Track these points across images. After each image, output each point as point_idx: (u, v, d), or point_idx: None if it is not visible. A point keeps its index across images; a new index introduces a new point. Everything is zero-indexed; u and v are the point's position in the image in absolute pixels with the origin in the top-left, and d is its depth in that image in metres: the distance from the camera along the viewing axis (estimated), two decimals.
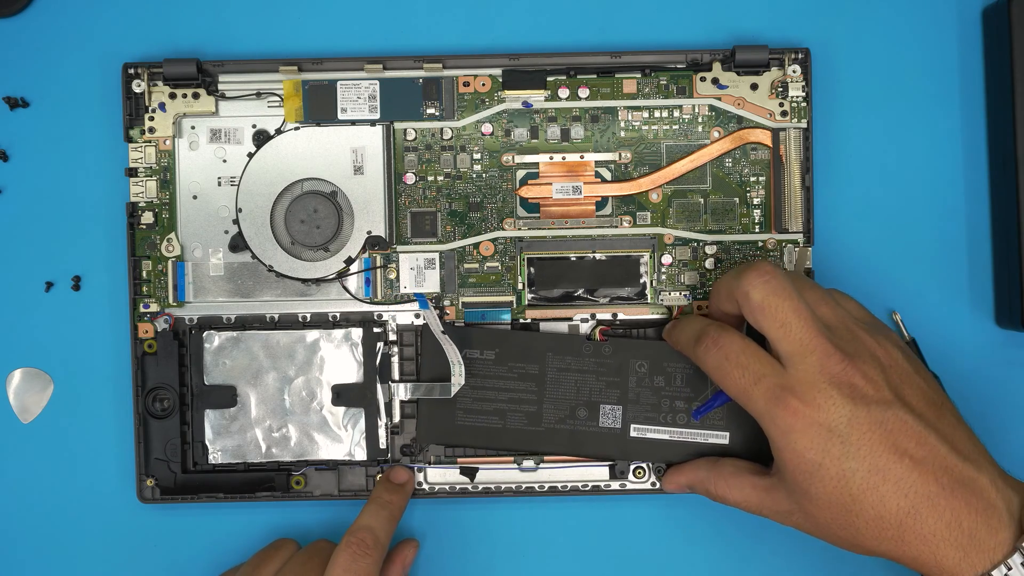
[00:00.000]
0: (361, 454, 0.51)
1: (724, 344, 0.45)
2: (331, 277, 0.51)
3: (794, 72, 0.51)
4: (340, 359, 0.51)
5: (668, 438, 0.50)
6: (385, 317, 0.51)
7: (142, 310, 0.51)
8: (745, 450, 0.50)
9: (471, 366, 0.50)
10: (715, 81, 0.51)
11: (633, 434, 0.50)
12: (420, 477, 0.51)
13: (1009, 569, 0.41)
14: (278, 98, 0.51)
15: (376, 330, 0.51)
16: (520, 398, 0.50)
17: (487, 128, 0.52)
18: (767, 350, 0.44)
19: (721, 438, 0.50)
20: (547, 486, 0.51)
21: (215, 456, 0.51)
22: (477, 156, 0.52)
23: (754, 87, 0.51)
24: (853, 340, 0.44)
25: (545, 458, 0.51)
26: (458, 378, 0.49)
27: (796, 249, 0.51)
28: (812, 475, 0.43)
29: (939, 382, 0.50)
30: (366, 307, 0.52)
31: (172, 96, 0.51)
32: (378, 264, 0.52)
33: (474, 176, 0.52)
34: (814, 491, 0.43)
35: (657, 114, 0.51)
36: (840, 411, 0.42)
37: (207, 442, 0.51)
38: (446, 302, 0.52)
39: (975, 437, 0.44)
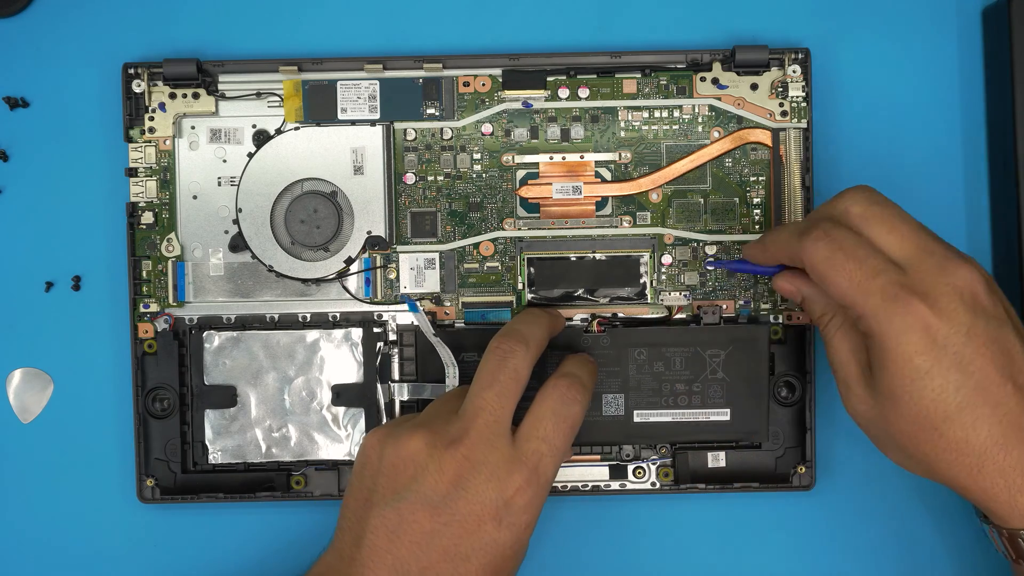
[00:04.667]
0: None
1: (838, 236, 0.41)
2: (331, 277, 0.51)
3: (794, 72, 0.51)
4: (340, 359, 0.51)
5: (671, 420, 0.50)
6: (385, 317, 0.51)
7: (142, 310, 0.51)
8: (745, 428, 0.50)
9: (468, 368, 0.50)
10: (715, 81, 0.51)
11: (637, 419, 0.50)
12: None
13: None
14: (278, 98, 0.51)
15: (376, 330, 0.51)
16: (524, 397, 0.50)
17: (487, 128, 0.52)
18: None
19: (723, 415, 0.50)
20: None
21: (215, 456, 0.51)
22: (477, 156, 0.52)
23: (754, 87, 0.51)
24: (960, 255, 0.41)
25: None
26: (452, 380, 0.49)
27: None
28: (914, 382, 0.40)
29: None
30: (366, 307, 0.52)
31: (172, 96, 0.51)
32: (378, 264, 0.52)
33: (474, 176, 0.52)
34: (907, 400, 0.40)
35: (657, 114, 0.51)
36: (961, 319, 0.39)
37: (207, 442, 0.51)
38: (446, 302, 0.52)
39: None
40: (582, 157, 0.52)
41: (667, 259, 0.51)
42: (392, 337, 0.51)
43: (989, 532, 0.42)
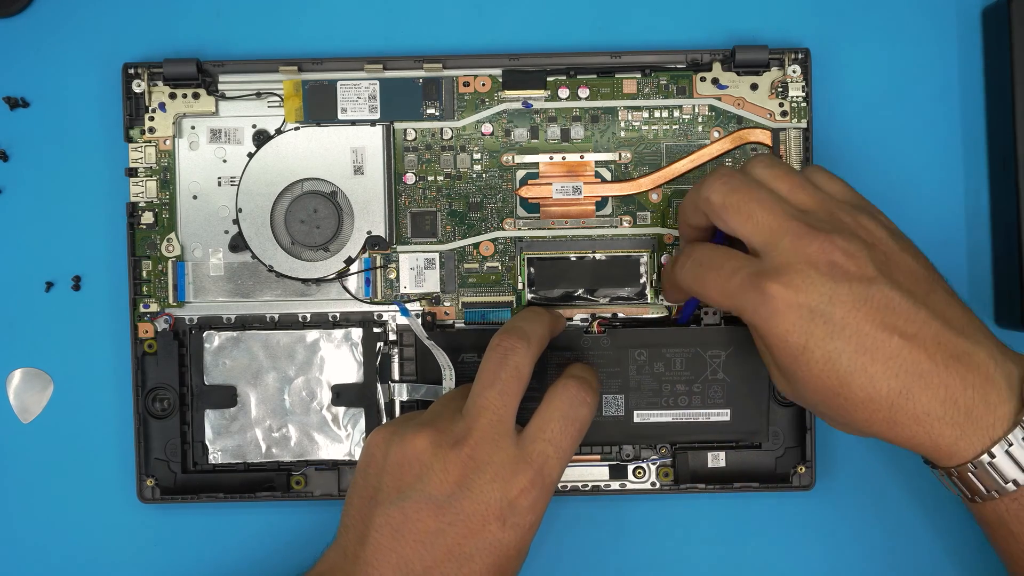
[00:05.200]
0: None
1: (695, 252, 0.44)
2: (331, 277, 0.51)
3: (794, 72, 0.51)
4: (340, 359, 0.51)
5: (672, 420, 0.50)
6: (385, 317, 0.51)
7: (142, 310, 0.51)
8: (745, 428, 0.50)
9: (467, 370, 0.50)
10: (715, 81, 0.51)
11: (637, 420, 0.50)
12: None
13: (1010, 445, 0.39)
14: (278, 98, 0.51)
15: (376, 330, 0.51)
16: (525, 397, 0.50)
17: (487, 128, 0.52)
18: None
19: (723, 415, 0.50)
20: None
21: (215, 456, 0.51)
22: (477, 156, 0.52)
23: (754, 87, 0.51)
24: (831, 220, 0.42)
25: None
26: (449, 382, 0.49)
27: None
28: (797, 359, 0.40)
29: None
30: (366, 307, 0.52)
31: (172, 96, 0.51)
32: (378, 264, 0.52)
33: (474, 176, 0.52)
34: (801, 375, 0.41)
35: (657, 114, 0.51)
36: (820, 289, 0.40)
37: (207, 442, 0.51)
38: (446, 302, 0.52)
39: (970, 312, 0.42)
40: (582, 157, 0.52)
41: (667, 259, 0.51)
42: (392, 337, 0.51)
43: (939, 477, 0.42)
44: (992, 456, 0.40)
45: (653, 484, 0.52)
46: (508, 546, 0.43)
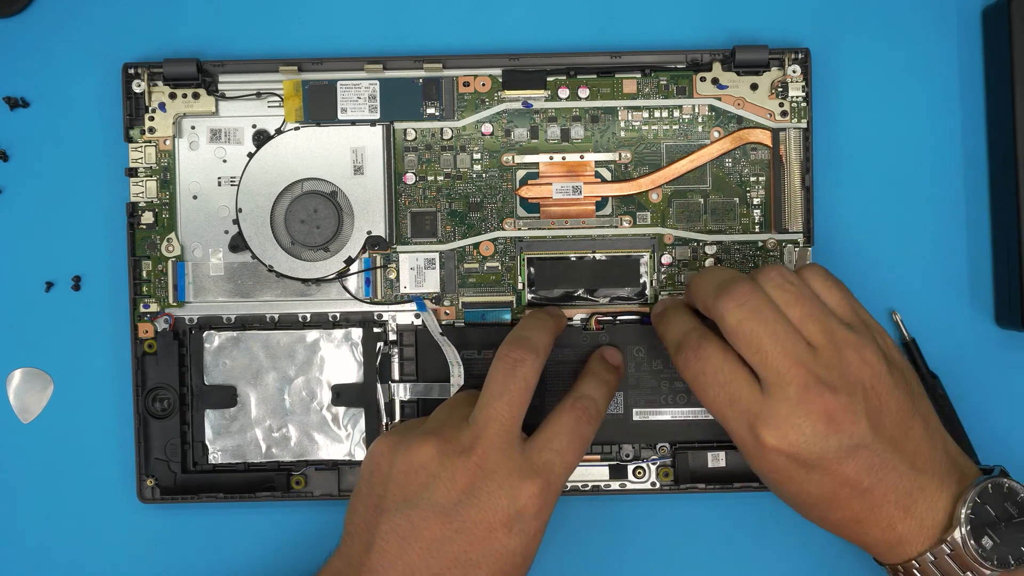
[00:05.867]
0: (361, 454, 0.51)
1: (703, 357, 0.44)
2: (331, 277, 0.51)
3: (794, 72, 0.51)
4: (340, 359, 0.51)
5: (670, 418, 0.50)
6: (385, 317, 0.51)
7: (142, 310, 0.51)
8: None
9: (470, 366, 0.50)
10: (715, 81, 0.51)
11: (636, 418, 0.50)
12: None
13: (934, 559, 0.42)
14: (278, 98, 0.51)
15: (376, 330, 0.51)
16: None
17: (487, 128, 0.52)
18: None
19: None
20: None
21: (215, 456, 0.51)
22: (477, 156, 0.52)
23: (754, 87, 0.51)
24: (839, 364, 0.42)
25: None
26: (457, 379, 0.49)
27: (796, 249, 0.51)
28: (770, 485, 0.44)
29: (938, 382, 0.50)
30: (366, 307, 0.52)
31: (172, 96, 0.51)
32: (378, 264, 0.52)
33: (474, 176, 0.52)
34: (770, 487, 0.45)
35: (657, 114, 0.51)
36: (812, 447, 0.42)
37: (207, 442, 0.51)
38: (446, 302, 0.52)
39: (939, 435, 0.44)
40: (582, 157, 0.52)
41: (667, 259, 0.51)
42: (392, 337, 0.51)
43: (888, 572, 0.45)
44: (918, 565, 0.43)
45: (653, 484, 0.52)
46: (514, 553, 0.43)
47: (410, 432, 0.45)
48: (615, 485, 0.52)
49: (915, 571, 0.43)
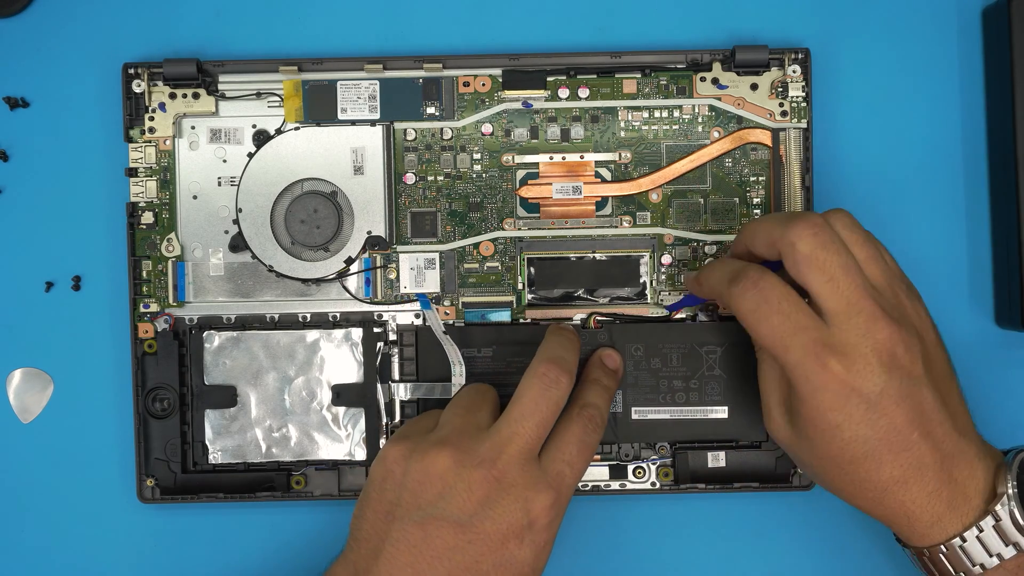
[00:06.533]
0: (361, 454, 0.51)
1: (764, 287, 0.43)
2: (331, 277, 0.51)
3: (794, 72, 0.51)
4: (340, 359, 0.51)
5: (669, 417, 0.50)
6: (385, 317, 0.51)
7: (142, 310, 0.51)
8: (743, 426, 0.50)
9: (470, 365, 0.50)
10: (715, 81, 0.51)
11: (635, 416, 0.50)
12: None
13: (981, 531, 0.42)
14: (278, 98, 0.51)
15: (376, 330, 0.51)
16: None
17: (487, 128, 0.52)
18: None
19: (720, 413, 0.50)
20: None
21: (215, 456, 0.51)
22: (477, 156, 0.52)
23: (754, 87, 0.51)
24: (898, 305, 0.43)
25: None
26: (459, 378, 0.49)
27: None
28: (825, 433, 0.42)
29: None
30: (366, 307, 0.52)
31: (172, 96, 0.51)
32: (378, 264, 0.52)
33: (474, 176, 0.52)
34: (818, 444, 0.43)
35: (657, 114, 0.51)
36: (875, 379, 0.41)
37: (207, 442, 0.51)
38: (446, 302, 0.52)
39: (967, 408, 0.45)
40: (582, 157, 0.52)
41: (667, 259, 0.51)
42: (392, 337, 0.51)
43: (909, 556, 0.45)
44: (964, 540, 0.42)
45: (653, 484, 0.52)
46: (524, 563, 0.43)
47: (423, 439, 0.45)
48: (615, 485, 0.52)
49: (942, 556, 0.42)
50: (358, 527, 0.44)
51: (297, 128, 0.51)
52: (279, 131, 0.51)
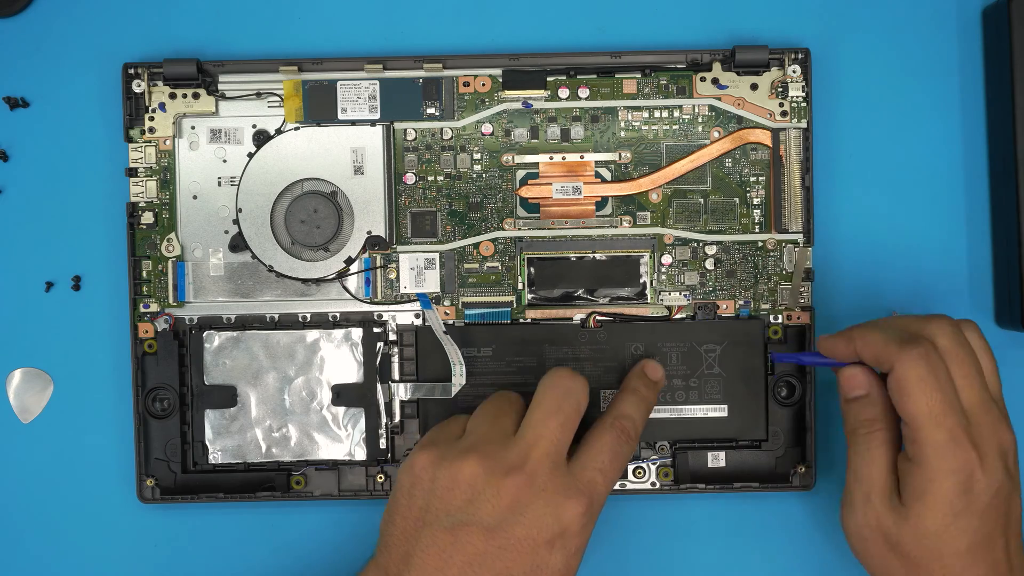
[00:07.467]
0: (361, 454, 0.51)
1: (935, 363, 0.43)
2: (331, 277, 0.51)
3: (794, 72, 0.51)
4: (340, 359, 0.51)
5: (669, 416, 0.50)
6: (385, 317, 0.51)
7: (142, 310, 0.51)
8: (743, 424, 0.50)
9: (470, 364, 0.50)
10: (715, 81, 0.51)
11: None
12: None
13: None
14: (278, 98, 0.51)
15: (376, 330, 0.51)
16: (520, 392, 0.50)
17: (487, 128, 0.52)
18: None
19: (720, 411, 0.50)
20: None
21: (215, 456, 0.51)
22: (477, 156, 0.52)
23: (754, 87, 0.51)
24: (1006, 419, 0.44)
25: None
26: (459, 378, 0.49)
27: (796, 249, 0.51)
28: (944, 518, 0.43)
29: None
30: (366, 307, 0.52)
31: (172, 96, 0.51)
32: (378, 264, 0.52)
33: (474, 176, 0.52)
34: (931, 530, 0.43)
35: (657, 114, 0.51)
36: (998, 476, 0.43)
37: (207, 442, 0.51)
38: (446, 302, 0.52)
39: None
40: (582, 157, 0.52)
41: (667, 259, 0.51)
42: (392, 337, 0.51)
43: None
44: None
45: (653, 484, 0.52)
46: (555, 570, 0.43)
47: (451, 446, 0.45)
48: (615, 485, 0.51)
49: None
50: (388, 532, 0.45)
51: (297, 128, 0.51)
52: (279, 131, 0.51)
